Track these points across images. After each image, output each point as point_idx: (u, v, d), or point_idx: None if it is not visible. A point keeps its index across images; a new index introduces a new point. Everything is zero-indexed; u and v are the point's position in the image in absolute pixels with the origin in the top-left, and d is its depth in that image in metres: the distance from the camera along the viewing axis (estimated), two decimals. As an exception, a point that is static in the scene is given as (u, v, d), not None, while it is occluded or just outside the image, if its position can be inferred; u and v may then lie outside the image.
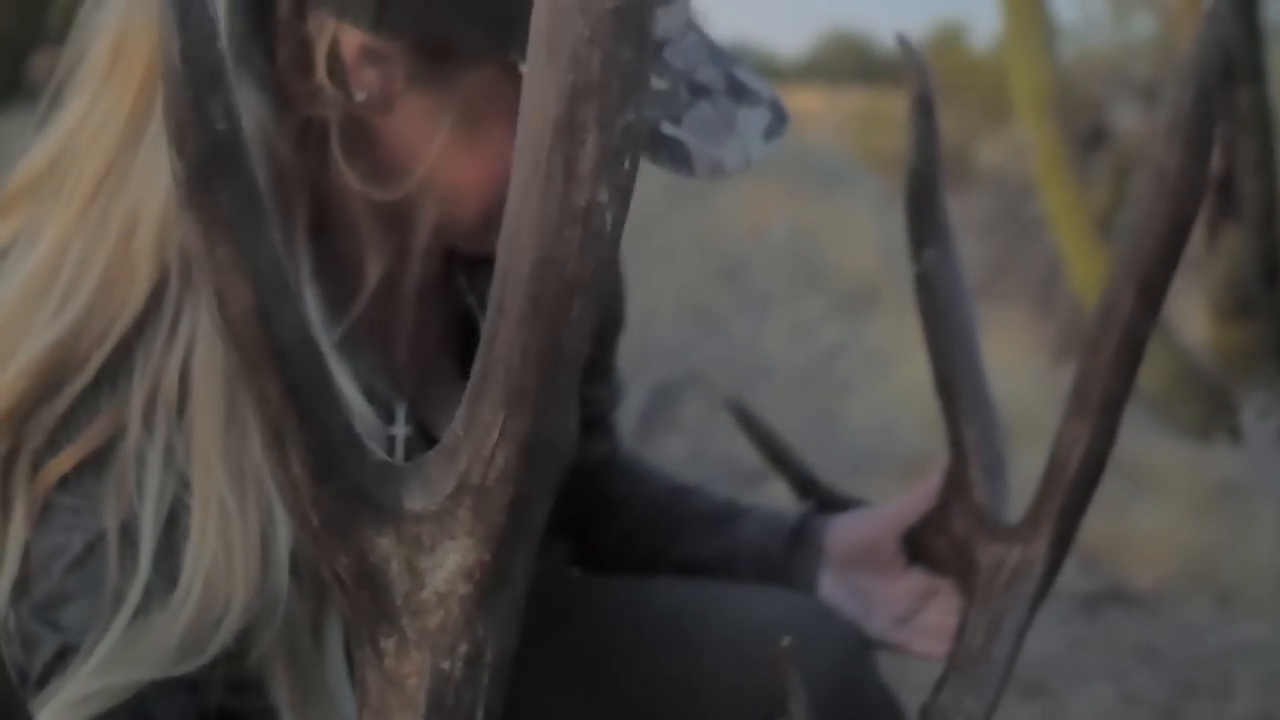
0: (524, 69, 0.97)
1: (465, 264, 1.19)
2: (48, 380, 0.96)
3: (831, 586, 1.31)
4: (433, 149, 1.02)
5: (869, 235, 6.07)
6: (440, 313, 1.23)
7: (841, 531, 1.31)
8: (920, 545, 1.24)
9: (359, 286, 1.07)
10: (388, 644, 0.60)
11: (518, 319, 0.56)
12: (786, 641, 0.97)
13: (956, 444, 1.15)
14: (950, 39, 19.63)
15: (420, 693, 0.60)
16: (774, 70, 24.39)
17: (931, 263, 1.20)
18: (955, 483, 1.15)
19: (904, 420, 3.75)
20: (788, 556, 1.33)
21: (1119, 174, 5.64)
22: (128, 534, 0.94)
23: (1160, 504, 3.56)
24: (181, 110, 0.53)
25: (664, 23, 1.00)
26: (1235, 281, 4.57)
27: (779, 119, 1.06)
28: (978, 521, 1.12)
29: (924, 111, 1.22)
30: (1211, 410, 4.61)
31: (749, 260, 6.13)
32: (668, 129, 0.99)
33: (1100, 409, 1.13)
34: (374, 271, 1.08)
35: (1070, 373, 1.13)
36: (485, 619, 0.59)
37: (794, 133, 1.11)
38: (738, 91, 1.04)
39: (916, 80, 1.21)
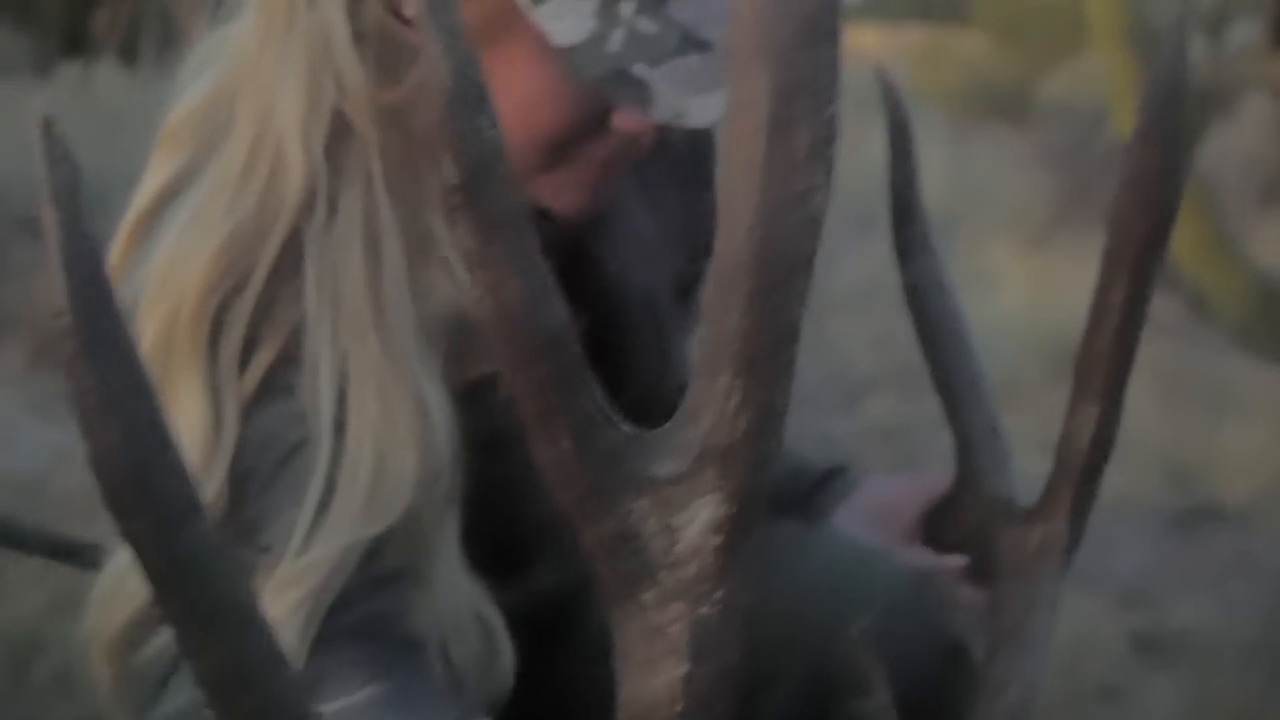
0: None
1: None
2: (232, 271, 1.04)
3: (852, 524, 1.33)
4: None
5: (939, 164, 6.06)
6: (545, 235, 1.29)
7: (871, 488, 1.35)
8: (934, 536, 1.28)
9: None
10: (648, 597, 0.63)
11: (748, 297, 0.60)
12: (863, 623, 0.99)
13: (962, 438, 1.19)
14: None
15: (683, 639, 0.63)
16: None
17: (918, 273, 1.24)
18: (965, 475, 1.18)
19: (994, 345, 3.76)
20: (807, 497, 1.36)
21: (1194, 101, 5.60)
22: (316, 413, 1.01)
23: (1247, 425, 3.55)
24: (455, 123, 0.58)
25: None
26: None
27: None
28: (992, 508, 1.15)
29: (900, 135, 1.27)
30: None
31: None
32: (638, 70, 1.02)
33: (1104, 392, 1.17)
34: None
35: (1152, 303, 1.17)
36: (735, 566, 0.63)
37: (858, 70, 1.13)
38: None
39: (891, 108, 1.25)
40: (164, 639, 1.04)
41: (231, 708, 0.61)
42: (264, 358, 1.03)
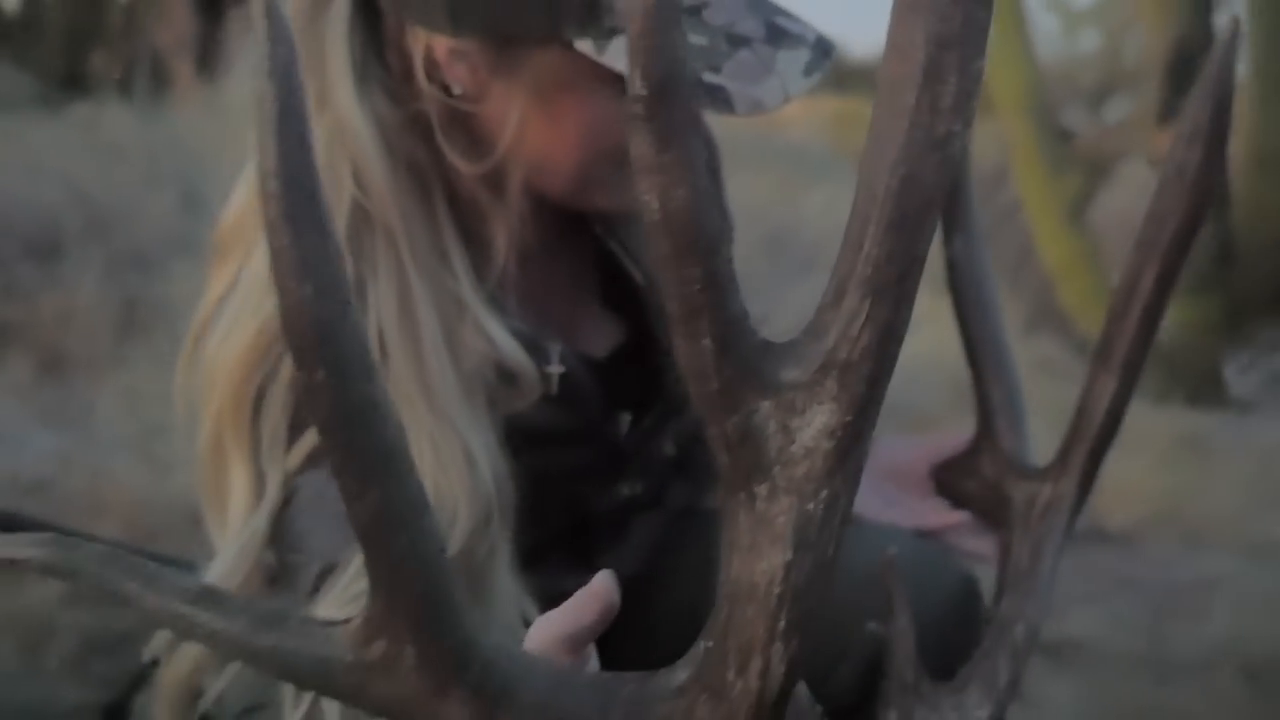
0: (580, 46, 1.05)
1: (599, 216, 1.25)
2: (265, 360, 1.06)
3: (862, 485, 1.32)
4: (510, 126, 1.08)
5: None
6: (580, 260, 1.29)
7: (884, 448, 1.33)
8: (953, 487, 1.27)
9: (493, 250, 1.15)
10: (760, 489, 0.63)
11: (885, 225, 0.59)
12: (892, 550, 1.00)
13: (984, 401, 1.18)
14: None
15: (788, 529, 0.63)
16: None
17: (959, 247, 1.24)
18: (984, 433, 1.17)
19: (914, 380, 3.78)
20: None
21: (1081, 168, 5.66)
22: None
23: (1129, 458, 3.59)
24: (648, 39, 0.56)
25: None
26: (1192, 262, 4.60)
27: (821, 55, 1.09)
28: (1007, 465, 1.14)
29: None
30: (1168, 378, 4.66)
31: (748, 242, 6.18)
32: (709, 77, 1.04)
33: (1122, 366, 1.18)
34: (501, 235, 1.15)
35: (1039, 343, 1.18)
36: (842, 471, 0.63)
37: (782, 132, 1.14)
38: (777, 37, 1.07)
39: None
40: (219, 686, 1.08)
41: (382, 546, 0.62)
42: (311, 437, 1.04)
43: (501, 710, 0.66)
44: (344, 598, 0.98)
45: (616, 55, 1.03)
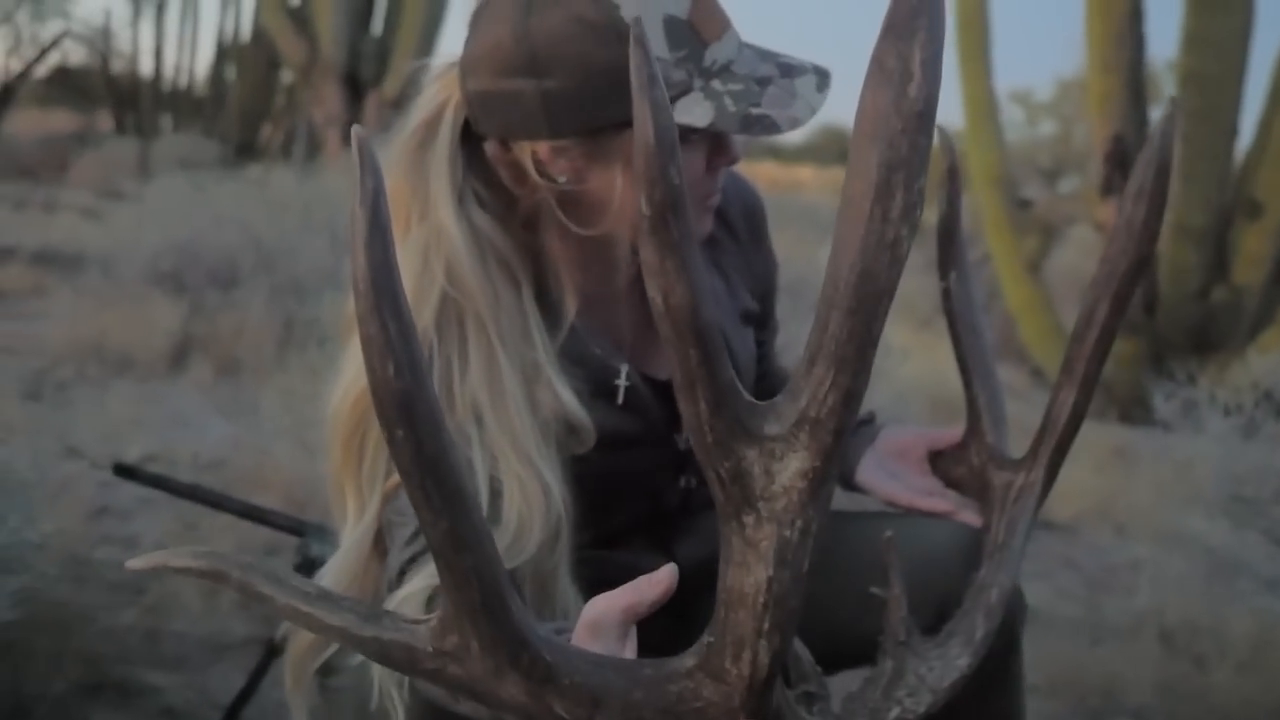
0: None
1: None
2: (366, 416, 1.08)
3: (870, 461, 1.31)
4: (616, 194, 1.08)
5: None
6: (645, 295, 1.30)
7: (890, 432, 1.32)
8: (946, 471, 1.25)
9: (564, 308, 1.16)
10: (748, 519, 0.65)
11: (845, 311, 0.61)
12: (889, 534, 1.00)
13: (972, 404, 1.17)
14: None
15: (770, 551, 0.65)
16: (780, 153, 24.21)
17: (953, 281, 1.24)
18: (972, 430, 1.16)
19: (901, 401, 3.77)
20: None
21: (1039, 230, 5.62)
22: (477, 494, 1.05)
23: (1072, 463, 3.57)
24: (652, 172, 0.58)
25: (725, 49, 1.07)
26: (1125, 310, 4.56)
27: (823, 76, 1.10)
28: (990, 457, 1.13)
29: (953, 177, 1.27)
30: (1104, 401, 4.61)
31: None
32: (755, 111, 1.05)
33: (1082, 381, 1.17)
34: (570, 294, 1.16)
35: (1002, 371, 1.17)
36: (814, 505, 0.65)
37: (797, 196, 1.14)
38: (788, 71, 1.08)
39: (949, 156, 1.26)
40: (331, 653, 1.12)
41: (452, 563, 0.64)
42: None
43: (547, 689, 0.68)
44: (416, 589, 1.00)
45: (684, 111, 1.05)
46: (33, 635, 1.87)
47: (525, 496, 1.06)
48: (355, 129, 0.60)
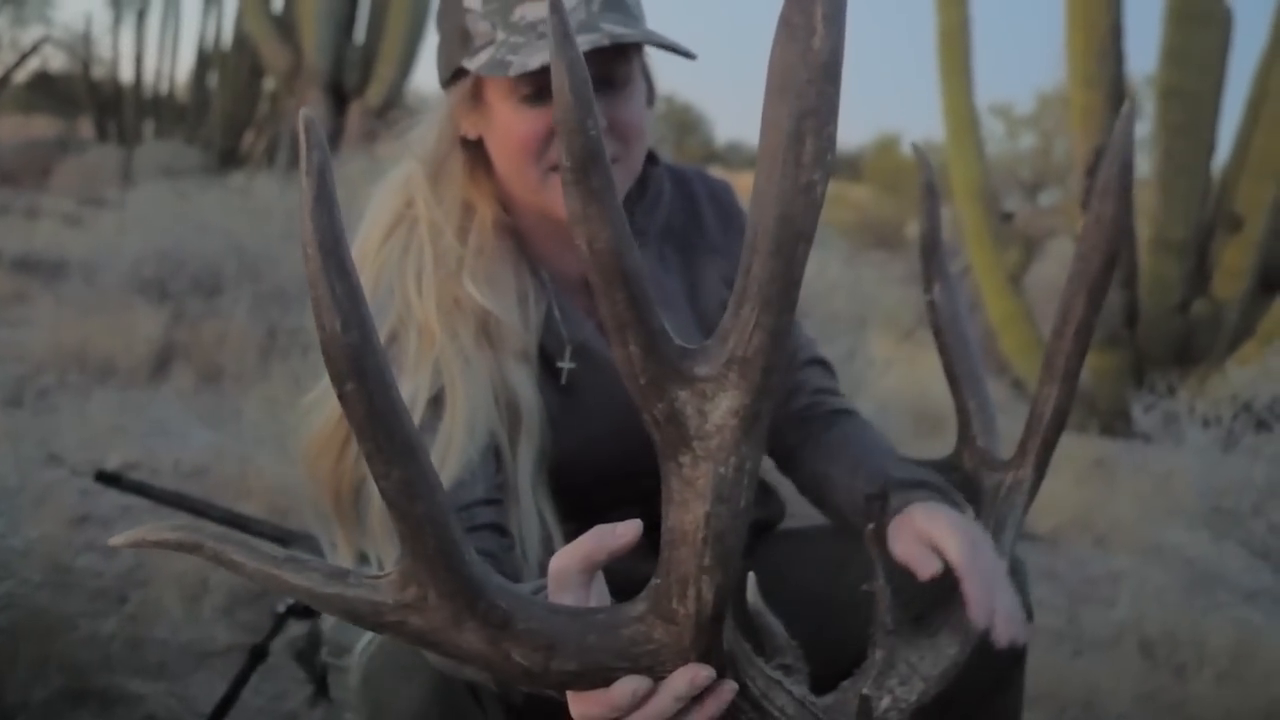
0: (467, 65, 1.19)
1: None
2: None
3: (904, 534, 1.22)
4: (488, 140, 1.23)
5: (839, 279, 6.11)
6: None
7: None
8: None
9: (543, 277, 1.28)
10: (685, 458, 0.68)
11: (768, 254, 0.64)
12: (871, 527, 1.02)
13: (962, 410, 1.18)
14: (889, 144, 19.58)
15: (708, 488, 0.67)
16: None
17: (939, 292, 1.25)
18: (963, 435, 1.17)
19: (883, 410, 3.78)
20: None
21: (1019, 243, 5.64)
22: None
23: (1052, 477, 3.58)
24: (570, 124, 0.62)
25: (537, 9, 1.16)
26: (1103, 321, 4.60)
27: (608, 38, 1.14)
28: (981, 459, 1.14)
29: (929, 194, 1.29)
30: (1085, 414, 4.64)
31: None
32: (501, 54, 1.16)
33: (1063, 376, 1.18)
34: (554, 269, 1.29)
35: (987, 380, 1.19)
36: (747, 442, 0.67)
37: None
38: (584, 30, 1.14)
39: (925, 172, 1.27)
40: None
41: (406, 513, 0.67)
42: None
43: (504, 636, 0.70)
44: None
45: (482, 64, 1.17)
46: (15, 642, 1.86)
47: (469, 398, 1.16)
48: (303, 111, 0.63)
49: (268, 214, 5.68)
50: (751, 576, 0.91)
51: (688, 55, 1.19)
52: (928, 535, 1.07)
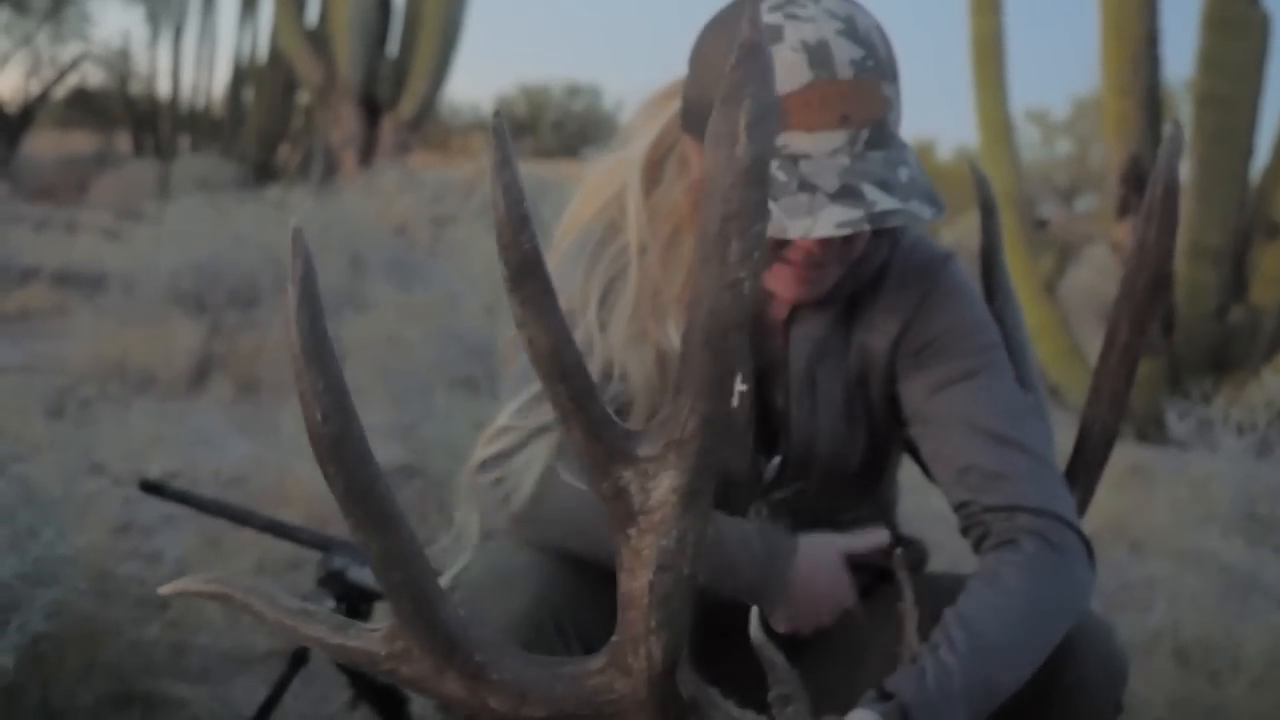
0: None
1: None
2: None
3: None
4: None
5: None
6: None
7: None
8: None
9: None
10: (631, 531, 0.75)
11: (701, 344, 0.70)
12: (899, 551, 1.10)
13: None
14: (924, 150, 19.49)
15: (652, 558, 0.75)
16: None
17: (998, 305, 1.29)
18: None
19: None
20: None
21: (1054, 250, 5.64)
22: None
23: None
24: (505, 239, 0.69)
25: (806, 143, 1.08)
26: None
27: (867, 220, 1.05)
28: None
29: (988, 211, 1.31)
30: (1123, 419, 4.62)
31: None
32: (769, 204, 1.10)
33: (1110, 400, 1.20)
34: None
35: None
36: (687, 516, 0.74)
37: None
38: (843, 195, 1.06)
39: (982, 190, 1.29)
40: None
41: (388, 579, 0.77)
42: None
43: (479, 684, 0.80)
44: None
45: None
46: (62, 648, 1.91)
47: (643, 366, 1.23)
48: (293, 222, 0.72)
49: (302, 226, 5.74)
50: (755, 611, 0.93)
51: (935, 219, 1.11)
52: None
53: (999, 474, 1.14)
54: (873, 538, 1.30)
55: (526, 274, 0.69)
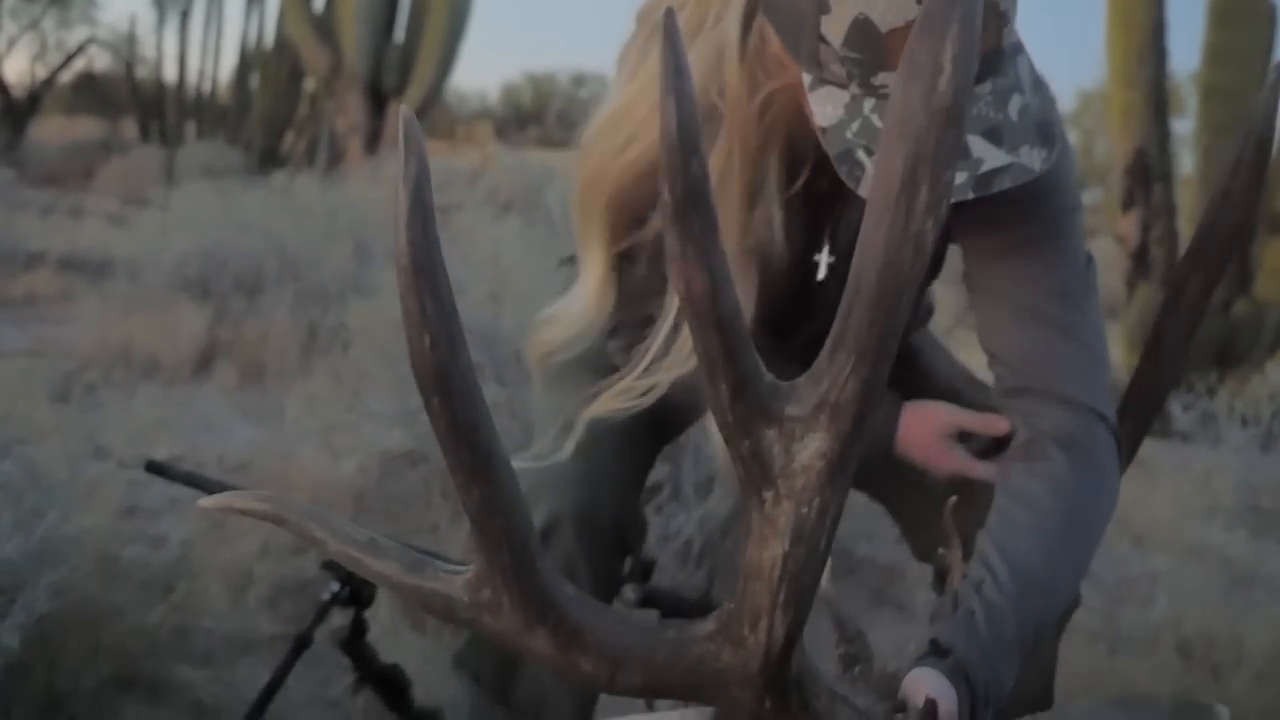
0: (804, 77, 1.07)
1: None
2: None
3: (932, 438, 1.29)
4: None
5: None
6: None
7: (945, 410, 1.30)
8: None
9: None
10: (767, 496, 0.66)
11: (869, 302, 0.62)
12: (952, 500, 1.00)
13: None
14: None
15: (787, 527, 0.66)
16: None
17: None
18: None
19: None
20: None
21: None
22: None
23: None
24: (674, 164, 0.59)
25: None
26: (1145, 323, 4.57)
27: (971, 185, 1.00)
28: None
29: None
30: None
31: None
32: (859, 154, 1.02)
33: (1169, 359, 1.18)
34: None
35: None
36: (832, 486, 0.66)
37: None
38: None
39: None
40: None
41: (486, 527, 0.68)
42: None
43: (573, 645, 0.71)
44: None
45: (821, 100, 1.03)
46: (65, 630, 1.91)
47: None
48: (403, 109, 0.62)
49: (308, 213, 5.74)
50: (829, 563, 0.92)
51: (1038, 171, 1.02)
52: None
53: (1034, 355, 1.13)
54: (990, 421, 1.24)
55: (692, 205, 0.59)
